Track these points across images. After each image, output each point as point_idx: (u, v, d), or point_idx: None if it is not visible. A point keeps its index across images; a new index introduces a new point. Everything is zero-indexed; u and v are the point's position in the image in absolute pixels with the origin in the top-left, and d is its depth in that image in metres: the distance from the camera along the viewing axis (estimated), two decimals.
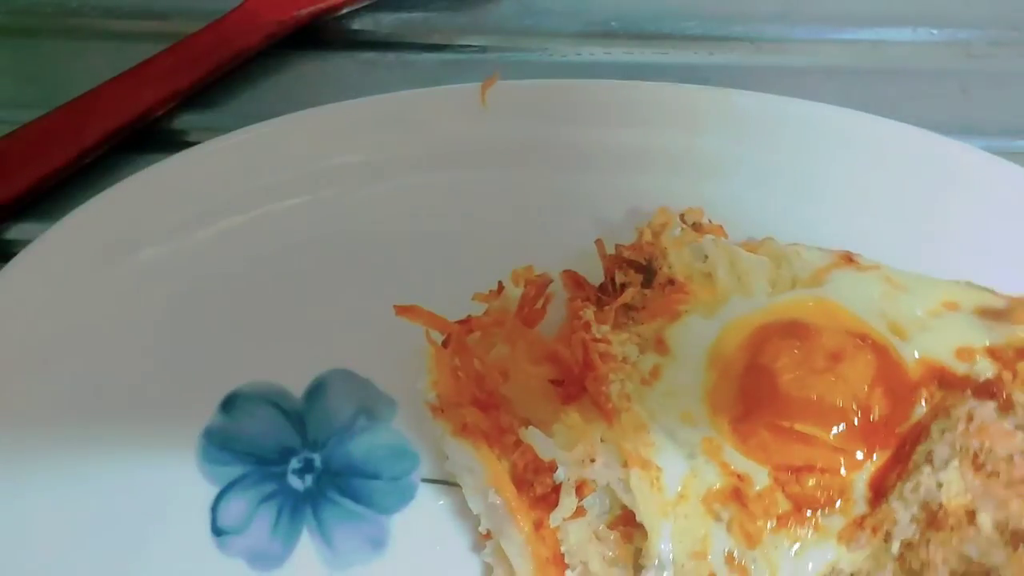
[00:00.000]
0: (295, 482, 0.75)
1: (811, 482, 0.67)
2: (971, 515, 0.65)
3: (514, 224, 0.82)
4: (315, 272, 0.81)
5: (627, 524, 0.70)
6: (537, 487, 0.68)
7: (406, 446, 0.76)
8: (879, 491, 0.67)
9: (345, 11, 0.96)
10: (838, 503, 0.66)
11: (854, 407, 0.67)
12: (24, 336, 0.76)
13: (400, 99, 0.84)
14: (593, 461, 0.67)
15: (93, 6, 0.98)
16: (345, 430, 0.77)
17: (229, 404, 0.77)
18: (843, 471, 0.67)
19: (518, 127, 0.84)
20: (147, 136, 0.90)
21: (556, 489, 0.68)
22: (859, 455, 0.67)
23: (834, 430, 0.67)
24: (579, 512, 0.68)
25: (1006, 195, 0.82)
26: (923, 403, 0.69)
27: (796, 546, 0.66)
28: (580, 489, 0.67)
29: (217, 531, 0.73)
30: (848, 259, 0.75)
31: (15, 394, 0.74)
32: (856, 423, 0.67)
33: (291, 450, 0.76)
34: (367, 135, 0.83)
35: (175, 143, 0.88)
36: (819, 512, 0.66)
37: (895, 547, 0.65)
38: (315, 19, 0.94)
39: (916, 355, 0.69)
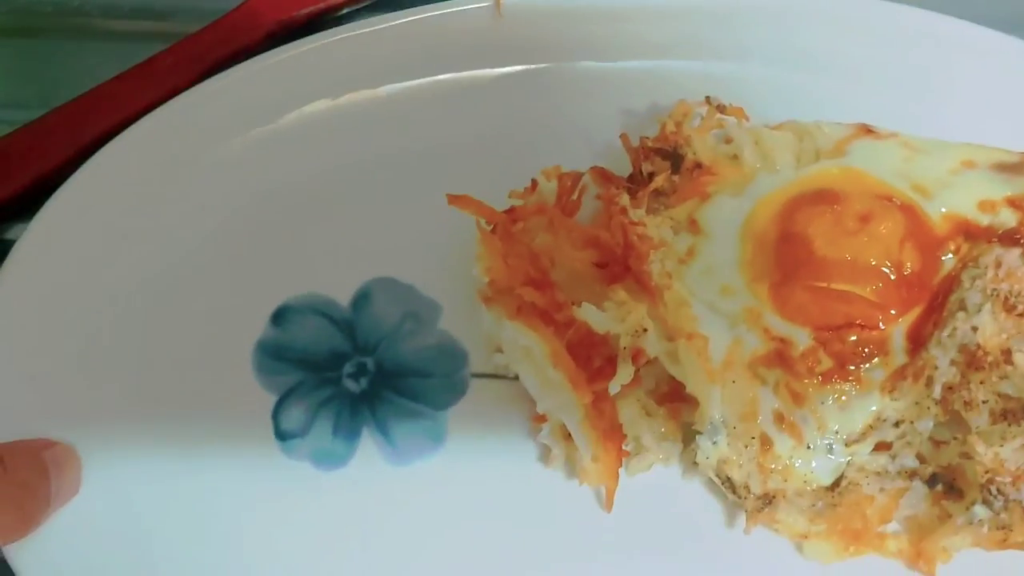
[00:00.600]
0: (351, 385, 0.77)
1: (851, 338, 0.70)
2: (1007, 354, 0.68)
3: (538, 125, 0.85)
4: (352, 185, 0.83)
5: (674, 400, 0.74)
6: (593, 359, 0.70)
7: (454, 344, 0.79)
8: (917, 341, 0.70)
9: (345, 11, 0.96)
10: (878, 356, 0.69)
11: (887, 263, 0.70)
12: (81, 252, 0.78)
13: (422, 18, 0.86)
14: (645, 331, 0.69)
15: (93, 6, 0.97)
16: (394, 334, 0.79)
17: (279, 317, 0.79)
18: (881, 325, 0.70)
19: (532, 32, 0.86)
20: None
21: (611, 362, 0.70)
22: (895, 309, 0.70)
23: (870, 287, 0.70)
24: (636, 381, 0.70)
25: (1006, 64, 0.85)
26: (951, 255, 0.72)
27: (842, 400, 0.69)
28: (635, 357, 0.69)
29: (281, 436, 0.75)
30: (867, 130, 0.78)
31: (83, 307, 0.77)
32: (890, 278, 0.70)
33: (343, 355, 0.78)
34: (393, 52, 0.85)
35: None
36: (861, 366, 0.69)
37: (937, 391, 0.69)
38: (315, 19, 0.94)
39: (941, 211, 0.73)
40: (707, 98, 0.80)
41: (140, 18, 0.97)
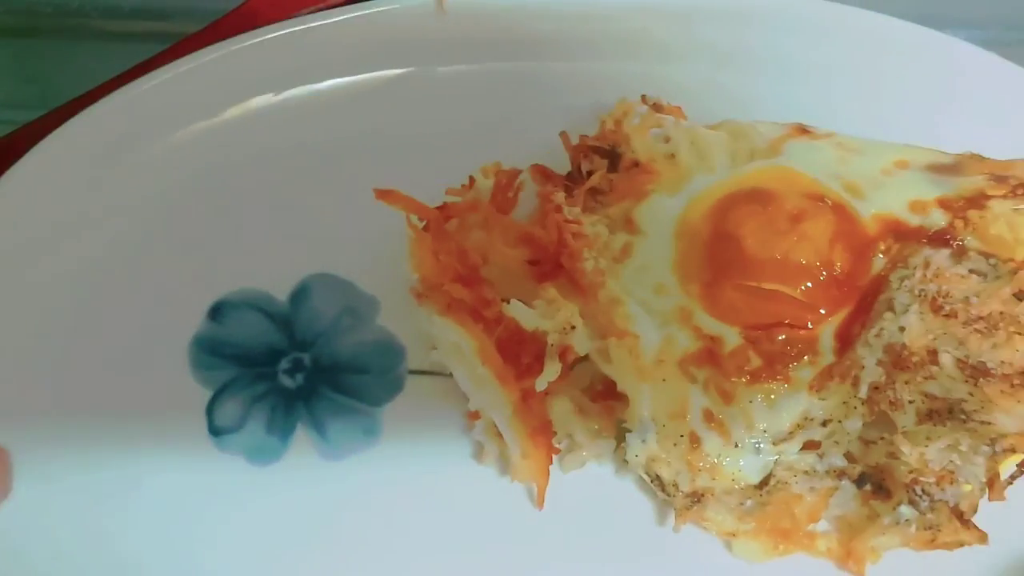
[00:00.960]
0: (286, 381, 0.77)
1: (780, 337, 0.70)
2: (933, 354, 0.68)
3: (479, 123, 0.85)
4: (290, 180, 0.83)
5: (608, 398, 0.74)
6: (523, 356, 0.70)
7: (391, 341, 0.79)
8: (845, 341, 0.70)
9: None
10: (807, 356, 0.69)
11: (817, 263, 0.70)
12: (16, 247, 0.78)
13: (364, 15, 0.86)
14: (574, 328, 0.69)
15: (93, 6, 0.98)
16: (331, 330, 0.79)
17: (216, 312, 0.79)
18: (810, 325, 0.70)
19: (475, 30, 0.86)
20: None
21: (540, 359, 0.70)
22: (824, 308, 0.70)
23: (799, 286, 0.70)
24: (565, 378, 0.71)
25: (944, 64, 0.86)
26: (881, 256, 0.72)
27: (770, 399, 0.69)
28: (563, 355, 0.70)
29: (215, 431, 0.75)
30: (802, 130, 0.78)
31: (11, 303, 0.77)
32: (820, 278, 0.70)
33: (280, 351, 0.78)
34: (335, 48, 0.86)
35: None
36: (790, 365, 0.69)
37: (863, 391, 0.69)
38: None
39: (872, 211, 0.73)
40: (643, 97, 0.81)
41: (139, 18, 0.98)
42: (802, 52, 0.86)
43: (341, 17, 0.86)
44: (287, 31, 0.85)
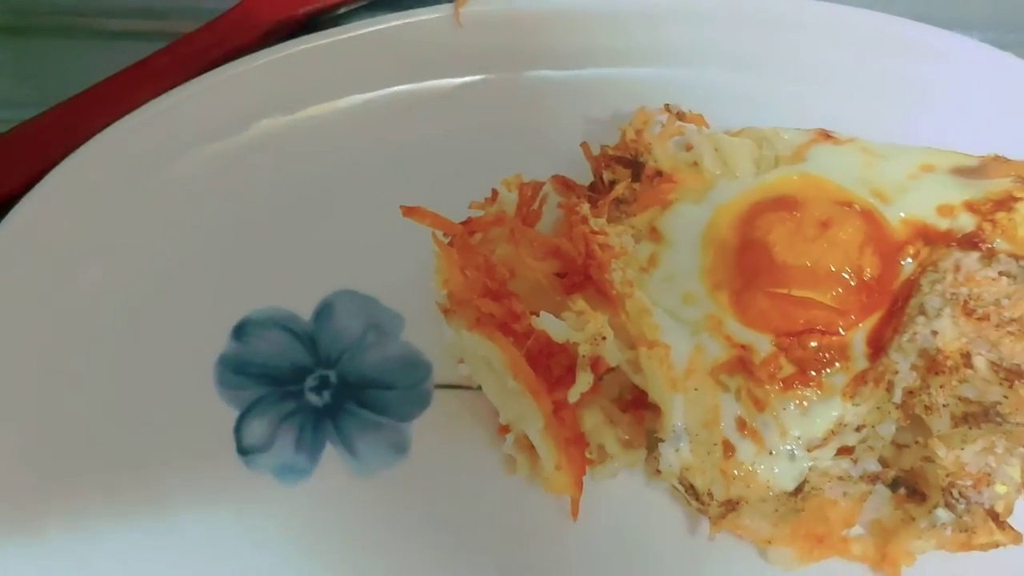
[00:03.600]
0: (313, 399, 0.77)
1: (812, 344, 0.70)
2: (967, 358, 0.68)
3: (498, 135, 0.85)
4: (313, 198, 0.84)
5: (638, 408, 0.74)
6: (553, 369, 0.70)
7: (417, 356, 0.79)
8: (878, 346, 0.70)
9: (342, 10, 0.96)
10: (839, 362, 0.69)
11: (847, 269, 0.70)
12: (39, 270, 0.78)
13: (380, 29, 0.86)
14: (604, 339, 0.69)
15: (91, 5, 0.97)
16: (356, 346, 0.79)
17: (240, 331, 0.79)
18: (842, 331, 0.70)
19: (491, 40, 0.87)
20: None
21: (571, 371, 0.70)
22: (855, 314, 0.70)
23: (830, 293, 0.70)
24: (596, 389, 0.70)
25: (967, 67, 0.86)
26: (911, 260, 0.72)
27: (803, 406, 0.69)
28: (595, 366, 0.69)
29: (243, 451, 0.75)
30: (825, 135, 0.78)
31: (37, 328, 0.77)
32: (850, 284, 0.70)
33: (305, 369, 0.78)
34: (352, 64, 0.86)
35: None
36: (822, 372, 0.69)
37: (897, 395, 0.69)
38: (312, 18, 0.94)
39: (900, 215, 0.73)
40: (666, 106, 0.81)
41: (137, 17, 0.97)
42: (821, 56, 0.87)
43: (356, 33, 0.86)
44: (304, 47, 0.85)
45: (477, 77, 0.87)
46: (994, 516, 0.69)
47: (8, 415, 0.74)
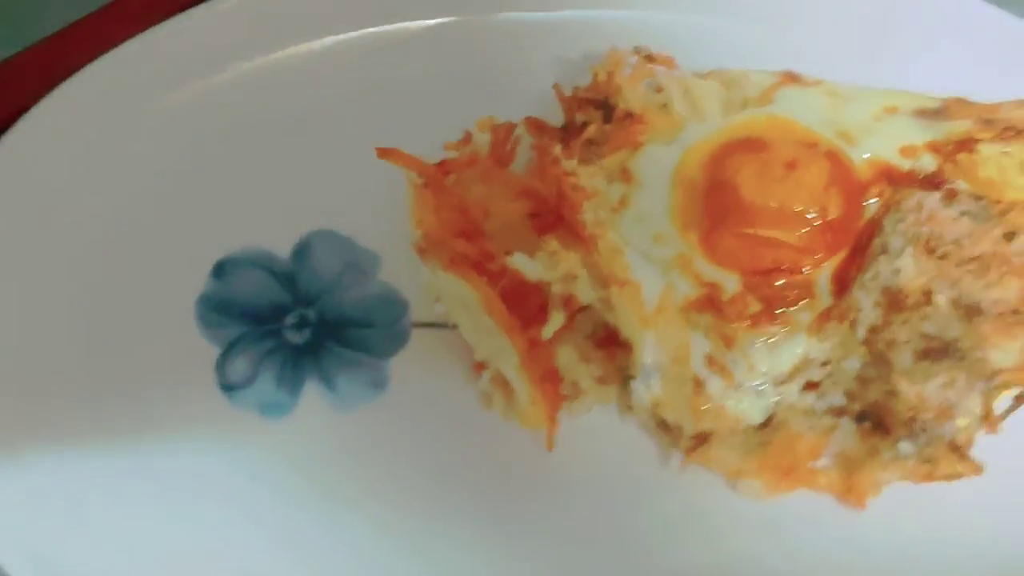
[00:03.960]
0: (293, 336, 0.79)
1: (779, 282, 0.72)
2: (927, 295, 0.71)
3: (470, 77, 0.86)
4: (289, 139, 0.84)
5: (611, 345, 0.75)
6: (527, 307, 0.72)
7: (395, 295, 0.80)
8: (842, 284, 0.72)
9: None
10: (805, 299, 0.71)
11: (812, 209, 0.72)
12: (16, 210, 0.79)
13: None
14: (576, 278, 0.71)
15: None
16: (334, 285, 0.80)
17: (219, 271, 0.80)
18: (807, 269, 0.72)
19: None
20: None
21: (544, 309, 0.72)
22: (820, 253, 0.72)
23: (796, 232, 0.72)
24: (569, 327, 0.72)
25: (926, 8, 0.88)
26: (875, 200, 0.73)
27: (770, 342, 0.71)
28: (568, 304, 0.71)
29: (226, 387, 0.76)
30: (792, 78, 0.80)
31: (14, 270, 0.77)
32: (816, 224, 0.72)
33: (284, 308, 0.80)
34: (327, 4, 0.87)
35: None
36: (788, 309, 0.71)
37: (861, 332, 0.71)
38: None
39: (865, 156, 0.74)
40: (636, 48, 0.82)
41: None
42: None
43: None
44: None
45: (451, 19, 0.87)
46: (955, 448, 0.71)
47: None
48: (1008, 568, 0.71)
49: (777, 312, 0.71)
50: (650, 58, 0.81)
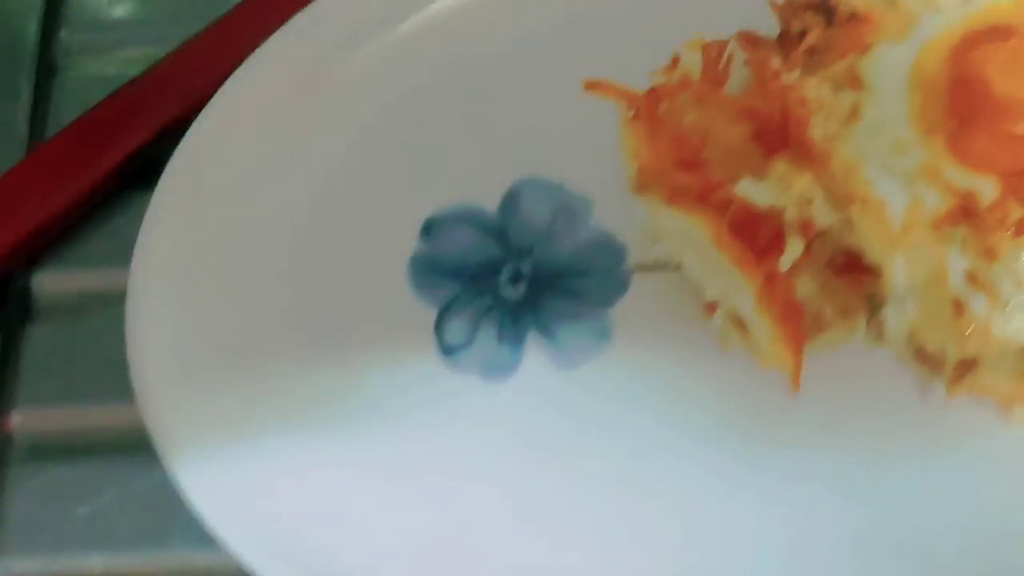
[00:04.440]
0: (509, 292, 0.76)
1: None
2: None
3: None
4: (484, 86, 0.81)
5: (853, 271, 0.69)
6: (759, 238, 0.67)
7: (611, 239, 0.77)
8: None
9: None
10: None
11: None
12: (222, 187, 0.78)
13: None
14: (811, 201, 0.66)
15: None
16: (546, 235, 0.77)
17: (427, 230, 0.78)
18: None
19: None
20: None
21: (778, 238, 0.67)
22: None
23: None
24: (808, 255, 0.67)
25: None
26: None
27: None
28: (804, 230, 0.66)
29: (446, 350, 0.74)
30: None
31: (227, 247, 0.76)
32: None
33: (498, 262, 0.77)
34: None
35: None
36: None
37: None
38: None
39: None
40: None
41: None
42: None
43: None
44: None
45: None
46: None
47: (208, 328, 0.73)
48: None
49: None
50: None
